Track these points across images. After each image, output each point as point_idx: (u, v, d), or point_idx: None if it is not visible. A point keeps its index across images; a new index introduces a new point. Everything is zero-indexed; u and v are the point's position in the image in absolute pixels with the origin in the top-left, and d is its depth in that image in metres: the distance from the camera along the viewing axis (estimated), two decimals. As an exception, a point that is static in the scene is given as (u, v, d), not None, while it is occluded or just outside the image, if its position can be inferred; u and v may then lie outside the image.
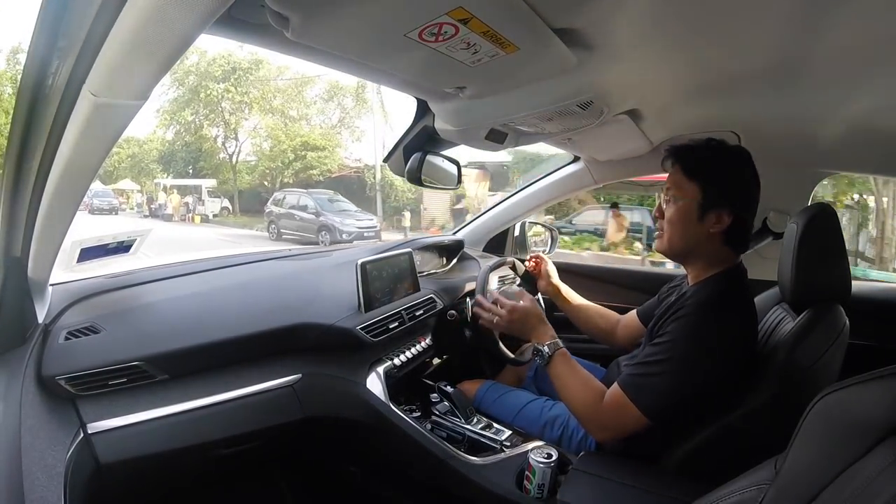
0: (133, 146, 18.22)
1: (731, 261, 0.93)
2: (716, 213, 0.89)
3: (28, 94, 0.50)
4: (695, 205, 0.90)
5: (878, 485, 0.38)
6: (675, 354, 0.83)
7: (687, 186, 0.91)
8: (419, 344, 1.24)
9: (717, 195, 0.89)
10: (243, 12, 0.58)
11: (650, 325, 1.01)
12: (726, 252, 0.92)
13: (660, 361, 0.84)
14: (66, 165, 0.56)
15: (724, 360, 0.83)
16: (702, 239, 0.91)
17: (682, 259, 0.98)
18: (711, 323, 0.84)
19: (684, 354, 0.83)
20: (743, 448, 0.77)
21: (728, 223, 0.89)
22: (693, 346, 0.83)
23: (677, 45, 0.74)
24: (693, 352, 0.82)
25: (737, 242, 0.92)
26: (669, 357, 0.83)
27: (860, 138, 1.13)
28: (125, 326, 0.85)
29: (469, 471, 0.93)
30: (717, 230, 0.89)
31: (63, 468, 0.67)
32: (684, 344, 0.83)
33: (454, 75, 0.75)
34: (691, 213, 0.90)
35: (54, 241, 0.69)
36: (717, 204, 0.88)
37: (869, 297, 1.40)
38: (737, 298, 0.89)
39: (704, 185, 0.89)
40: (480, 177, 12.05)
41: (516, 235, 1.84)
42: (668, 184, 0.94)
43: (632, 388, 0.85)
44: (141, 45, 0.43)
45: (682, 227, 0.92)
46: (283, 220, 11.84)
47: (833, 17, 0.60)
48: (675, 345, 0.84)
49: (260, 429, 0.92)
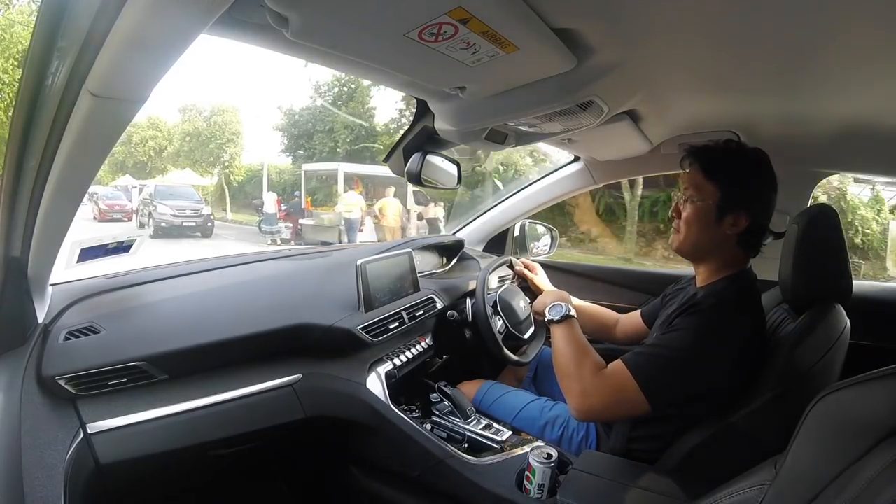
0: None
1: (742, 264, 0.93)
2: (733, 216, 0.89)
3: (28, 94, 0.50)
4: (713, 206, 0.89)
5: (878, 485, 0.38)
6: (685, 345, 0.82)
7: (705, 187, 0.90)
8: (419, 344, 1.24)
9: (735, 198, 0.88)
10: (243, 12, 0.58)
11: (657, 322, 1.01)
12: (739, 254, 0.92)
13: (669, 348, 0.83)
14: (66, 165, 0.56)
15: (732, 360, 0.83)
16: (717, 240, 0.91)
17: (695, 258, 0.97)
18: (725, 321, 0.83)
19: (694, 347, 0.82)
20: (743, 448, 0.77)
21: (745, 226, 0.89)
22: (704, 341, 0.82)
23: (677, 46, 0.74)
24: (704, 346, 0.82)
25: (749, 245, 0.92)
26: (680, 346, 0.83)
27: (860, 138, 1.13)
28: (125, 326, 0.85)
29: (469, 471, 0.92)
30: (733, 232, 0.89)
31: (63, 468, 0.67)
32: (695, 336, 0.83)
33: (454, 75, 0.75)
34: (709, 215, 0.90)
35: (54, 241, 0.69)
36: (735, 206, 0.88)
37: (869, 297, 1.40)
38: (748, 301, 0.89)
39: (723, 187, 0.89)
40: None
41: (516, 235, 1.84)
42: (685, 183, 0.94)
43: (633, 363, 0.84)
44: (141, 44, 0.43)
45: (699, 227, 0.92)
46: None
47: (833, 17, 0.60)
48: (687, 336, 0.83)
49: (260, 429, 0.92)
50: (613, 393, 0.84)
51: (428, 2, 0.52)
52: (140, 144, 19.57)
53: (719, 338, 0.82)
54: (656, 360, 0.83)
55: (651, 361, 0.83)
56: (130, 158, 19.99)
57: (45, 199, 0.60)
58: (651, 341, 0.88)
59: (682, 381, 0.82)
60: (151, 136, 19.55)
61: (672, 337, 0.85)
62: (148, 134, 19.55)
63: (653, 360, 0.84)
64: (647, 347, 0.87)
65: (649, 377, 0.82)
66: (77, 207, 0.65)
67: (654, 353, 0.84)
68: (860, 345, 0.95)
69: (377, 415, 1.00)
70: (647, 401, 0.81)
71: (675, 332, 0.85)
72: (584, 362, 0.90)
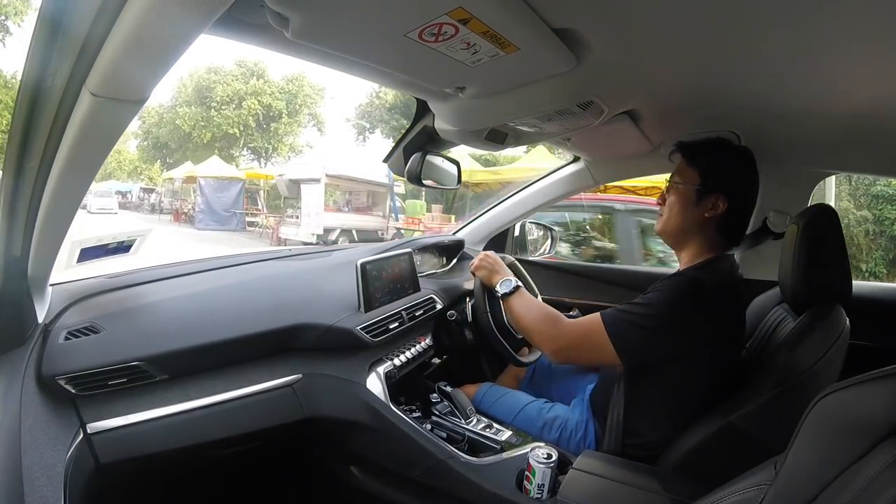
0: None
1: (722, 249, 0.96)
2: (713, 198, 0.93)
3: (28, 94, 0.50)
4: (693, 189, 0.95)
5: (878, 485, 0.38)
6: (653, 306, 0.87)
7: (687, 172, 0.96)
8: (419, 344, 1.24)
9: (714, 180, 0.93)
10: (243, 12, 0.58)
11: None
12: (718, 240, 0.96)
13: (638, 305, 0.88)
14: (67, 165, 0.56)
15: (698, 326, 0.85)
16: (697, 222, 0.95)
17: (677, 241, 1.01)
18: (699, 293, 0.87)
19: (665, 312, 0.86)
20: (743, 448, 0.77)
21: (723, 209, 0.93)
22: (671, 306, 0.86)
23: (677, 45, 0.74)
24: (670, 309, 0.86)
25: (731, 232, 0.96)
26: (647, 304, 0.88)
27: (860, 138, 1.13)
28: (125, 326, 0.85)
29: (469, 471, 0.93)
30: (711, 215, 0.93)
31: (63, 468, 0.67)
32: (664, 300, 0.87)
33: (454, 75, 0.75)
34: (689, 196, 0.95)
35: (54, 241, 0.69)
36: (714, 189, 0.93)
37: (869, 297, 1.40)
38: (725, 282, 0.91)
39: (703, 171, 0.94)
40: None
41: (516, 235, 1.84)
42: (672, 174, 1.00)
43: (608, 317, 0.89)
44: (141, 45, 0.43)
45: (680, 209, 0.96)
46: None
47: (834, 17, 0.60)
48: (660, 298, 0.88)
49: (260, 429, 0.92)
50: (583, 334, 0.91)
51: (428, 2, 0.52)
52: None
53: (691, 306, 0.86)
54: (627, 314, 0.88)
55: (622, 316, 0.88)
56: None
57: (45, 199, 0.60)
58: (624, 302, 0.92)
59: (651, 342, 0.86)
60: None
61: (647, 297, 0.89)
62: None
63: (624, 314, 0.88)
64: (623, 305, 0.91)
65: (619, 330, 0.87)
66: (77, 207, 0.65)
67: (627, 310, 0.89)
68: (860, 345, 0.95)
69: (377, 415, 1.00)
70: (614, 350, 0.86)
71: (650, 294, 0.90)
72: (550, 314, 0.98)
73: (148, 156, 23.63)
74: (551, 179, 1.74)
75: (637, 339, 0.86)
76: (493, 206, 1.85)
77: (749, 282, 1.33)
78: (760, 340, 1.02)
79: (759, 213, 1.48)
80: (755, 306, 1.15)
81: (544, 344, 0.97)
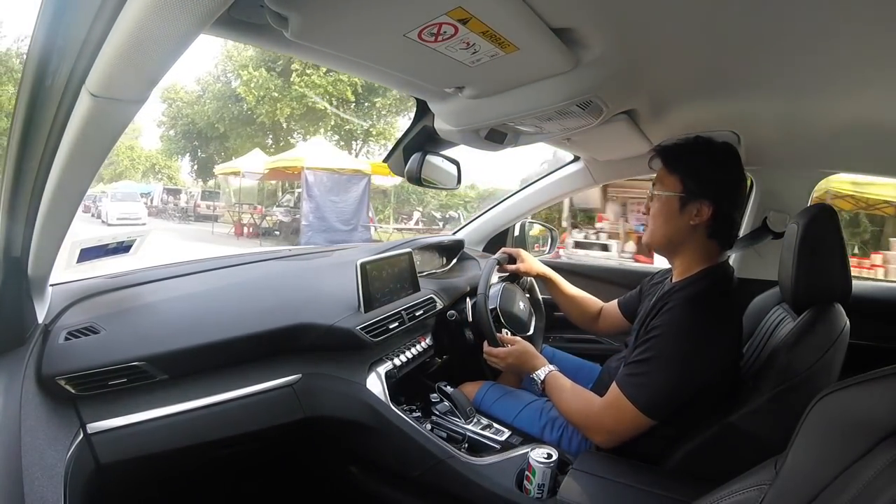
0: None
1: (717, 257, 0.94)
2: (696, 206, 0.90)
3: (28, 94, 0.50)
4: (675, 197, 0.92)
5: (878, 485, 0.38)
6: (665, 351, 0.84)
7: (668, 180, 0.93)
8: (419, 344, 1.24)
9: (695, 187, 0.90)
10: (243, 12, 0.58)
11: (637, 323, 1.02)
12: (712, 247, 0.93)
13: (652, 359, 0.85)
14: (66, 165, 0.56)
15: (714, 355, 0.84)
16: (684, 231, 0.92)
17: (667, 252, 0.99)
18: (698, 318, 0.85)
19: (675, 350, 0.84)
20: (743, 448, 0.77)
21: (709, 215, 0.90)
22: (682, 342, 0.84)
23: (677, 45, 0.74)
24: (682, 347, 0.84)
25: (722, 237, 0.93)
26: (660, 354, 0.84)
27: (860, 138, 1.13)
28: (125, 326, 0.85)
29: (469, 471, 0.92)
30: (697, 222, 0.91)
31: (63, 468, 0.67)
32: (674, 340, 0.84)
33: (454, 75, 0.75)
34: (672, 206, 0.92)
35: (54, 241, 0.69)
36: (696, 196, 0.90)
37: (869, 297, 1.40)
38: (722, 295, 0.90)
39: (684, 178, 0.91)
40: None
41: (516, 235, 1.84)
42: (654, 181, 0.97)
43: (628, 388, 0.85)
44: (140, 45, 0.43)
45: (663, 219, 0.94)
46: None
47: (834, 17, 0.60)
48: (665, 340, 0.85)
49: (260, 429, 0.92)
50: (617, 422, 0.87)
51: (428, 2, 0.52)
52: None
53: (692, 336, 0.84)
54: (642, 377, 0.85)
55: (638, 379, 0.85)
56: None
57: (45, 199, 0.60)
58: (636, 356, 0.88)
59: (671, 387, 0.83)
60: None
61: (649, 346, 0.86)
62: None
63: (639, 378, 0.85)
64: (635, 366, 0.87)
65: (645, 398, 0.84)
66: (77, 207, 0.65)
67: (640, 371, 0.86)
68: (860, 345, 0.95)
69: (377, 415, 1.00)
70: (648, 418, 0.84)
71: (651, 340, 0.86)
72: (580, 403, 0.94)
73: (173, 148, 19.35)
74: (551, 179, 1.75)
75: (663, 397, 0.83)
76: (493, 206, 1.85)
77: (749, 282, 1.33)
78: (760, 340, 1.02)
79: (759, 213, 1.49)
80: (755, 306, 1.15)
81: (585, 433, 0.94)
